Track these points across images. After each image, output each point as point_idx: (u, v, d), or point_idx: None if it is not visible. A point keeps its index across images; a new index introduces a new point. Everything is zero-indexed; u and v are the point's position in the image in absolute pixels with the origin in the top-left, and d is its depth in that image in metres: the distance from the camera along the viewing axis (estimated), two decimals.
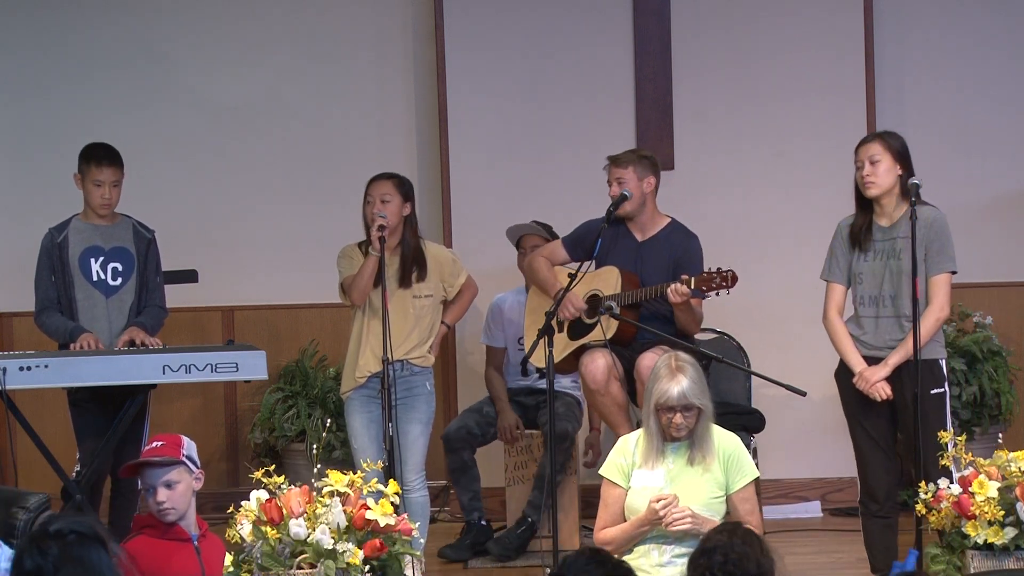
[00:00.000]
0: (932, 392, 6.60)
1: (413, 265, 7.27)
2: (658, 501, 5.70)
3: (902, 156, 6.66)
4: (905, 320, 6.59)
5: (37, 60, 9.01)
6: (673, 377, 5.79)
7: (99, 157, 7.22)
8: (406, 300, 7.24)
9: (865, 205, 6.72)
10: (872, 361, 6.65)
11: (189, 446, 5.41)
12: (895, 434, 6.78)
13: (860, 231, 6.69)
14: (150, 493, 5.29)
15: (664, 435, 5.85)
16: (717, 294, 6.89)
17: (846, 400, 6.77)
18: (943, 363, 6.75)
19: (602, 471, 5.98)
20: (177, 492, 5.30)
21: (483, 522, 7.92)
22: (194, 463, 5.39)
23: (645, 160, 7.28)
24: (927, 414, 6.50)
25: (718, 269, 6.87)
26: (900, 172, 6.65)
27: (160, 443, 5.36)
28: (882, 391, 6.57)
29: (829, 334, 6.81)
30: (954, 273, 6.68)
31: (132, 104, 8.97)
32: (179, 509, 5.32)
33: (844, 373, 6.76)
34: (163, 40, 8.99)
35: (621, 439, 6.05)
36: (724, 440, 5.93)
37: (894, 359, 6.58)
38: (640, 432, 5.96)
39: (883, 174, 6.62)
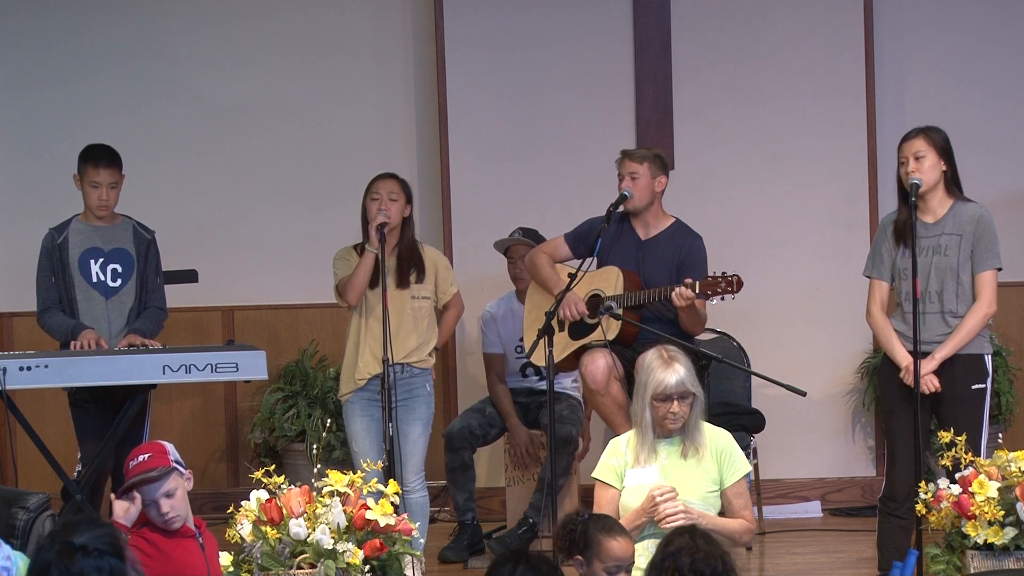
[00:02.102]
0: (973, 387, 6.60)
1: (411, 266, 7.27)
2: (658, 490, 5.71)
3: (945, 152, 6.65)
4: (951, 316, 6.59)
5: (37, 60, 9.01)
6: (669, 366, 5.80)
7: (96, 158, 7.21)
8: (404, 301, 7.24)
9: (908, 201, 6.69)
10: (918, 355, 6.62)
11: (172, 450, 5.42)
12: (928, 435, 6.73)
13: (904, 227, 6.66)
14: (152, 507, 5.30)
15: (657, 429, 5.85)
16: (723, 298, 6.88)
17: (886, 396, 6.74)
18: (988, 359, 6.73)
19: (595, 474, 5.98)
20: (177, 499, 5.33)
21: (475, 523, 7.93)
22: (182, 465, 5.41)
23: (658, 159, 7.31)
24: (968, 409, 6.52)
25: (723, 273, 6.86)
26: (944, 168, 6.64)
27: (146, 455, 5.36)
28: (930, 384, 6.55)
29: (873, 330, 6.80)
30: (999, 270, 6.69)
31: (132, 104, 8.97)
32: (182, 515, 5.34)
33: (886, 369, 6.72)
34: (163, 40, 9.00)
35: (612, 441, 6.06)
36: (715, 435, 5.95)
37: (941, 352, 6.55)
38: (631, 433, 5.96)
39: (928, 170, 6.60)
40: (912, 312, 6.50)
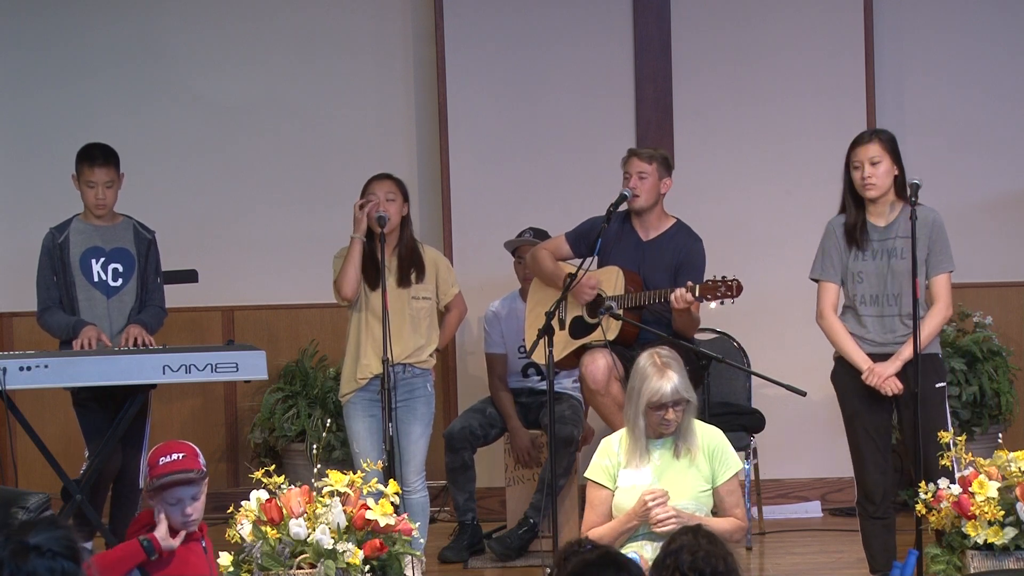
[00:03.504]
0: (936, 386, 6.62)
1: (411, 266, 7.27)
2: (650, 494, 5.71)
3: (897, 155, 6.66)
4: (908, 319, 6.59)
5: (37, 60, 9.01)
6: (663, 374, 5.79)
7: (92, 158, 7.22)
8: (405, 301, 7.23)
9: (858, 204, 6.70)
10: (877, 359, 6.64)
11: (200, 453, 5.45)
12: (889, 436, 6.77)
13: (855, 230, 6.67)
14: (177, 506, 5.29)
15: (651, 433, 5.85)
16: (722, 303, 6.88)
17: (846, 400, 6.75)
18: (941, 357, 6.76)
19: (587, 474, 5.97)
20: (200, 503, 5.35)
21: (475, 523, 7.93)
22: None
23: (666, 161, 7.37)
24: (931, 408, 6.51)
25: (723, 278, 6.86)
26: (896, 172, 6.65)
27: (180, 455, 5.34)
28: (894, 386, 6.56)
29: (828, 333, 6.78)
30: (951, 272, 6.70)
31: (132, 104, 8.97)
32: (199, 519, 5.37)
33: (842, 373, 6.74)
34: (163, 40, 9.00)
35: (604, 441, 6.05)
36: (707, 434, 5.95)
37: (905, 353, 6.57)
38: (623, 432, 5.96)
39: (883, 175, 6.61)
40: (913, 316, 6.50)
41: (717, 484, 5.88)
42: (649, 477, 5.83)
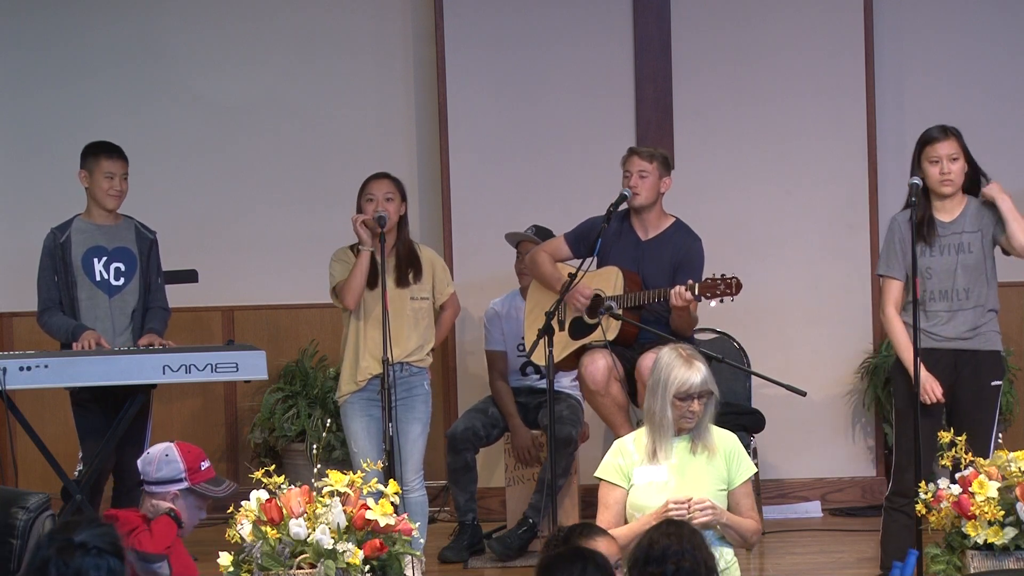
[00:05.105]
0: (992, 384, 6.65)
1: (408, 266, 7.26)
2: (698, 503, 5.69)
3: (968, 151, 6.67)
4: (983, 310, 6.67)
5: (37, 60, 9.02)
6: (691, 365, 5.78)
7: (109, 150, 7.26)
8: (404, 301, 7.23)
9: (924, 198, 6.67)
10: (938, 353, 6.61)
11: None
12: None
13: (923, 224, 6.64)
14: (201, 510, 5.44)
15: (675, 427, 5.82)
16: (721, 301, 6.88)
17: (902, 394, 6.71)
18: (1003, 354, 6.82)
19: (599, 474, 5.95)
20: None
21: (475, 523, 7.93)
22: None
23: (666, 160, 7.38)
24: (985, 405, 6.59)
25: (722, 276, 6.86)
26: (966, 168, 6.66)
27: (208, 462, 5.53)
28: (933, 394, 6.56)
29: (890, 333, 6.75)
30: None
31: (132, 104, 8.97)
32: None
33: (903, 368, 6.70)
34: (163, 40, 9.00)
35: (617, 441, 6.04)
36: (723, 437, 5.94)
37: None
38: (637, 432, 5.95)
39: (959, 172, 6.63)
40: (914, 316, 6.50)
41: (734, 486, 5.88)
42: (666, 474, 5.81)
